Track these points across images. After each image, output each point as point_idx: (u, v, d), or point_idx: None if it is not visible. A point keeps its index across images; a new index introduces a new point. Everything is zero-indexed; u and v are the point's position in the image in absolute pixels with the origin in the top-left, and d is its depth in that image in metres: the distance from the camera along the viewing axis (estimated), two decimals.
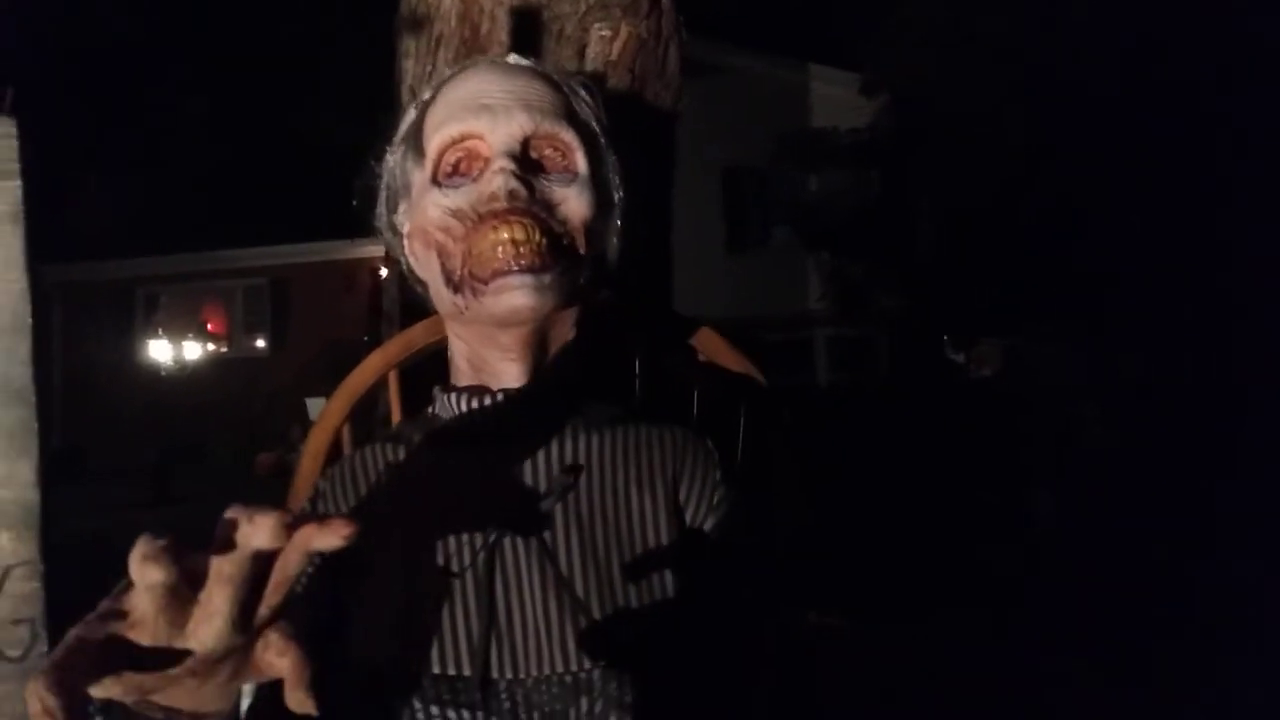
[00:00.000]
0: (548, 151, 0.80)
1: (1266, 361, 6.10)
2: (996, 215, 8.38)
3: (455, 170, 0.79)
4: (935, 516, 5.81)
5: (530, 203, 0.76)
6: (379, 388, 1.04)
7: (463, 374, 0.84)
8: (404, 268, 0.87)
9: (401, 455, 0.82)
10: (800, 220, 11.44)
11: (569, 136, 0.80)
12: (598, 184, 0.82)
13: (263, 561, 0.44)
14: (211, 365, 14.93)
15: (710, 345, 1.06)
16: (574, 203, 0.79)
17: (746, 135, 12.09)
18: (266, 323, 15.60)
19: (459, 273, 0.77)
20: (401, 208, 0.86)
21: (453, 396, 0.81)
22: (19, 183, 0.85)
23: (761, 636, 0.81)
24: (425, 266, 0.83)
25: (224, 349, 15.65)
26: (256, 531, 0.42)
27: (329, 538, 0.43)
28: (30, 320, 0.81)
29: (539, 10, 1.27)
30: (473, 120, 0.79)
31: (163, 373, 14.14)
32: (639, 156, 1.32)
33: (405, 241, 0.86)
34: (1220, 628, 3.52)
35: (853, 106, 11.22)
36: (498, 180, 0.76)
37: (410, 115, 0.86)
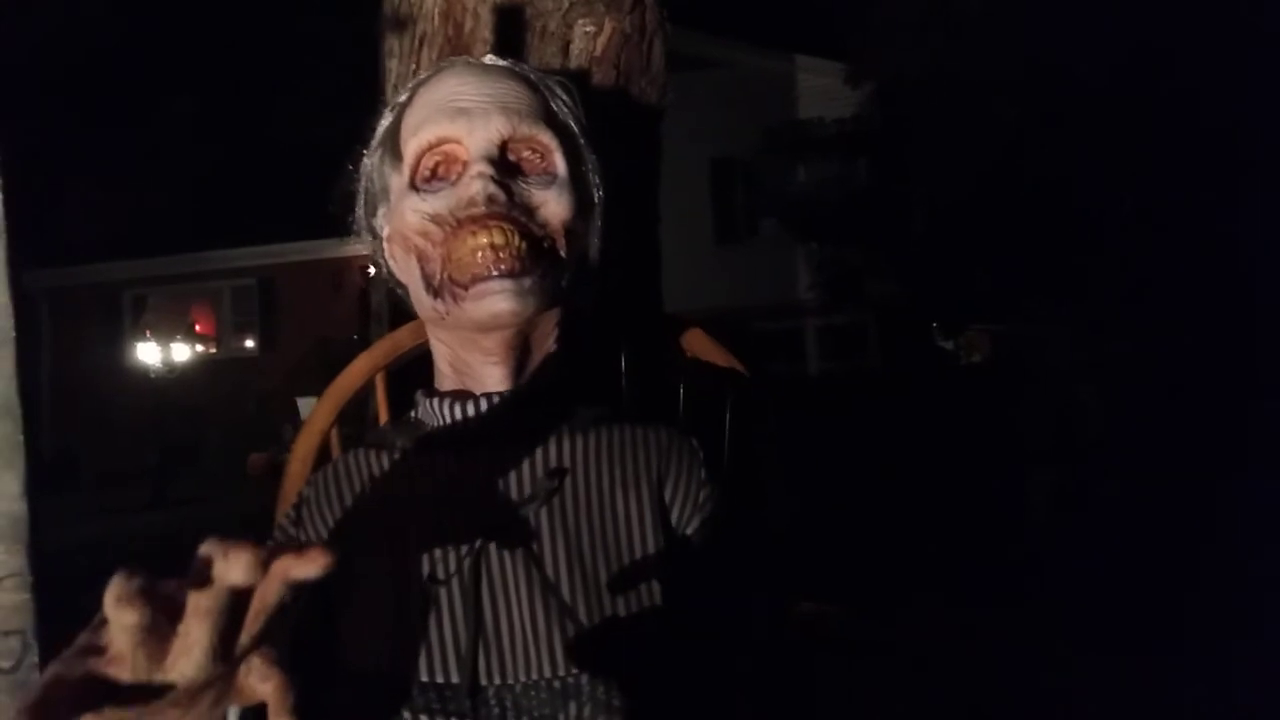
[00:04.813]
0: (526, 154, 0.80)
1: (1263, 339, 6.12)
2: (985, 202, 8.40)
3: (433, 175, 0.79)
4: (929, 501, 5.83)
5: (509, 207, 0.76)
6: (368, 390, 1.03)
7: (445, 378, 0.83)
8: (384, 271, 0.87)
9: (385, 461, 0.81)
10: (788, 211, 11.45)
11: (547, 138, 0.80)
12: (577, 184, 0.81)
13: (241, 592, 0.43)
14: (201, 366, 14.87)
15: (695, 341, 1.06)
16: (554, 205, 0.78)
17: (733, 127, 12.10)
18: (255, 323, 15.56)
19: (438, 277, 0.77)
20: (380, 211, 0.85)
21: (435, 402, 0.80)
22: (0, 197, 0.85)
23: (750, 634, 0.81)
24: (405, 270, 0.82)
25: (213, 350, 15.59)
26: (232, 568, 0.42)
27: (307, 567, 0.43)
28: (14, 334, 0.81)
29: (522, 8, 1.27)
30: (449, 124, 0.78)
31: (152, 375, 14.06)
32: (625, 152, 1.32)
33: (385, 245, 0.85)
34: (1221, 611, 3.54)
35: (838, 97, 11.23)
36: (476, 185, 0.75)
37: (387, 118, 0.85)
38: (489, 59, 0.85)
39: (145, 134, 16.14)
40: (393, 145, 0.83)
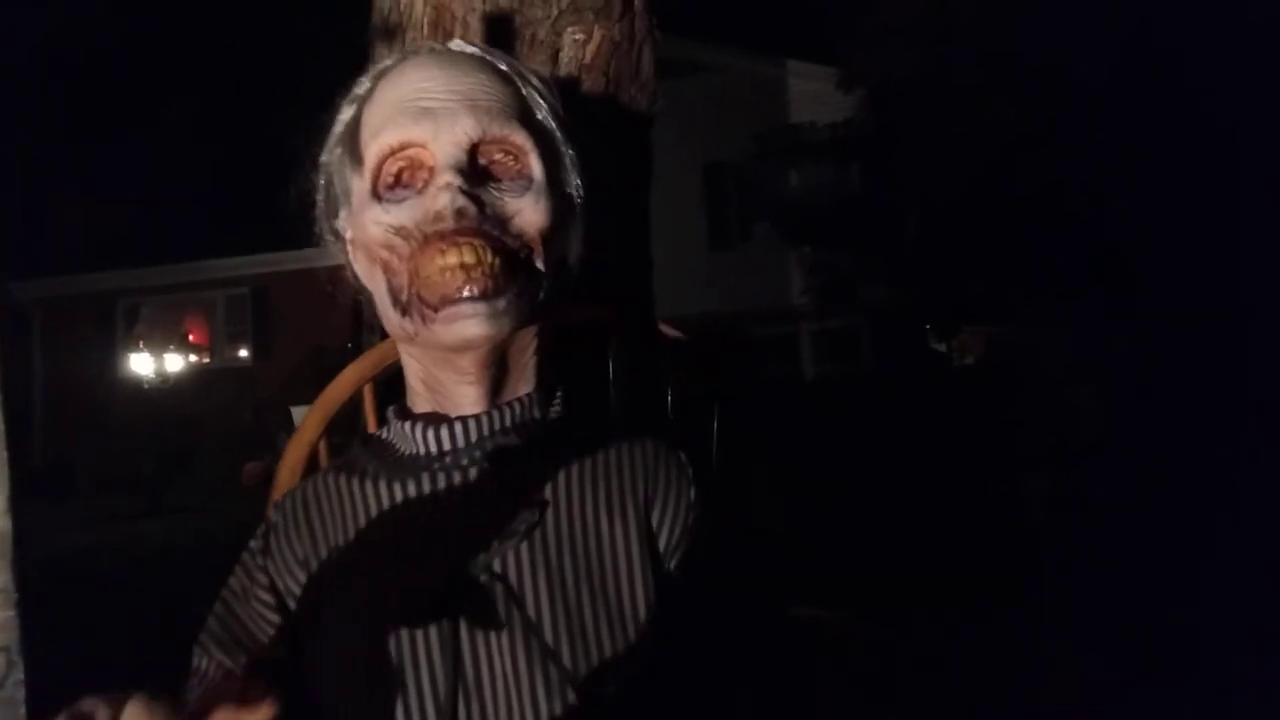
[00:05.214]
0: (498, 156, 0.73)
1: (1257, 342, 6.12)
2: (976, 204, 8.42)
3: (397, 182, 0.72)
4: (927, 505, 5.82)
5: (480, 220, 0.70)
6: (359, 401, 1.03)
7: (418, 395, 0.78)
8: (349, 275, 0.81)
9: (356, 490, 0.76)
10: (781, 215, 11.47)
11: (521, 139, 0.73)
12: (554, 188, 0.75)
13: None
14: (195, 377, 14.82)
15: (682, 346, 1.06)
16: (529, 213, 0.72)
17: (726, 132, 12.12)
18: (249, 332, 15.51)
19: (406, 293, 0.71)
20: (342, 214, 0.79)
21: (408, 426, 0.75)
22: None
23: (744, 657, 0.77)
24: (370, 280, 0.77)
25: (206, 360, 15.54)
26: None
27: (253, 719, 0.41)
28: None
29: (511, 16, 1.26)
30: (413, 127, 0.71)
31: (145, 386, 14.03)
32: (616, 159, 1.31)
33: (349, 248, 0.79)
34: (1219, 613, 3.53)
35: (830, 101, 11.26)
36: (443, 198, 0.69)
37: (346, 111, 0.78)
38: (455, 44, 0.79)
39: (137, 143, 16.10)
40: (352, 144, 0.76)
